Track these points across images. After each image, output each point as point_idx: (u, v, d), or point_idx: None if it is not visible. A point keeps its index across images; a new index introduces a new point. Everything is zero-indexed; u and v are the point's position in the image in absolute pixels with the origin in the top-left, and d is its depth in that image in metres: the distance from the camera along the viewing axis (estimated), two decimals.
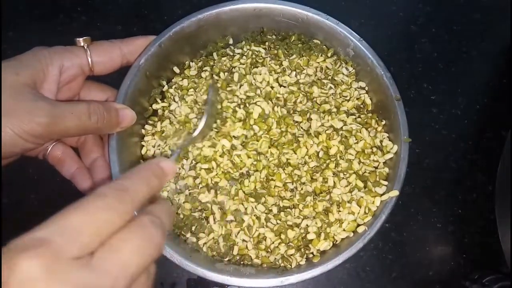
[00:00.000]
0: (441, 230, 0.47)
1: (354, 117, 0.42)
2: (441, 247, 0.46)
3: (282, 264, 0.37)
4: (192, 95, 0.42)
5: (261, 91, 0.42)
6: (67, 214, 0.20)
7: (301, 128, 0.41)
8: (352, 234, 0.38)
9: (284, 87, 0.43)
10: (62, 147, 0.38)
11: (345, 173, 0.39)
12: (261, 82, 0.43)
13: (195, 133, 0.38)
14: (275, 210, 0.39)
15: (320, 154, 0.40)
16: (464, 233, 0.46)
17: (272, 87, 0.43)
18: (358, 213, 0.38)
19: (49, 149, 0.37)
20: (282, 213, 0.38)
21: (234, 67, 0.43)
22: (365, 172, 0.40)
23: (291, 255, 0.37)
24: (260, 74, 0.43)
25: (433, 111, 0.51)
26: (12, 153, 0.31)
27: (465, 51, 0.53)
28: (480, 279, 0.43)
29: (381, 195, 0.38)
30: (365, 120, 0.42)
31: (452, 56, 0.53)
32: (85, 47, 0.36)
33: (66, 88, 0.36)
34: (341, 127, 0.41)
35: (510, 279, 0.41)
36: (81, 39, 0.35)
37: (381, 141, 0.40)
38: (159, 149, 0.41)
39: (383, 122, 0.41)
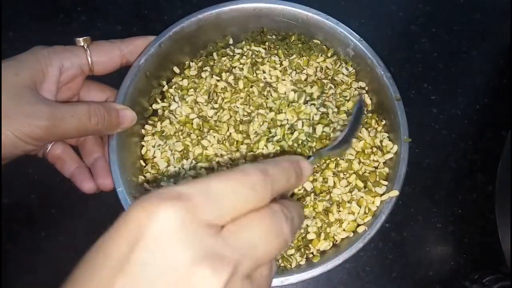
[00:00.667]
0: (441, 230, 0.47)
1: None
2: (441, 247, 0.46)
3: (282, 264, 0.37)
4: (192, 95, 0.42)
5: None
6: (211, 179, 0.19)
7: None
8: (352, 234, 0.38)
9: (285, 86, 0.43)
10: (62, 146, 0.38)
11: (345, 173, 0.39)
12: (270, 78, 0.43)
13: (336, 143, 0.36)
14: None
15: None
16: (464, 233, 0.46)
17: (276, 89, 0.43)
18: (358, 213, 0.38)
19: (49, 148, 0.37)
20: None
21: (234, 67, 0.43)
22: (365, 172, 0.40)
23: (291, 255, 0.37)
24: (264, 72, 0.43)
25: (433, 111, 0.51)
26: (13, 155, 0.31)
27: (465, 51, 0.53)
28: (480, 279, 0.43)
29: (381, 195, 0.38)
30: (365, 120, 0.42)
31: (452, 56, 0.53)
32: (85, 47, 0.36)
33: (66, 88, 0.36)
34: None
35: (510, 279, 0.41)
36: (81, 39, 0.35)
37: (381, 141, 0.40)
38: (159, 149, 0.41)
39: (383, 122, 0.41)
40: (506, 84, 0.52)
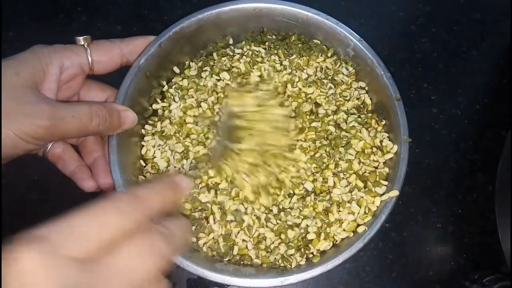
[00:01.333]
0: (441, 230, 0.47)
1: (354, 116, 0.42)
2: (441, 247, 0.46)
3: (282, 264, 0.37)
4: (192, 95, 0.42)
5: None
6: (73, 215, 0.20)
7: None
8: (352, 234, 0.37)
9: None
10: (62, 145, 0.38)
11: (345, 173, 0.39)
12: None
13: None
14: (275, 210, 0.39)
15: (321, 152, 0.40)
16: (464, 233, 0.46)
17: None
18: (358, 213, 0.38)
19: (49, 147, 0.37)
20: (282, 213, 0.38)
21: (234, 67, 0.43)
22: (365, 172, 0.40)
23: (291, 255, 0.37)
24: (266, 70, 0.43)
25: (433, 111, 0.51)
26: (14, 154, 0.31)
27: (465, 51, 0.53)
28: (480, 279, 0.43)
29: (381, 195, 0.38)
30: (365, 120, 0.42)
31: (452, 56, 0.53)
32: (85, 46, 0.35)
33: (66, 87, 0.36)
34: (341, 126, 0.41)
35: (510, 279, 0.41)
36: (81, 38, 0.35)
37: (381, 141, 0.40)
38: (159, 149, 0.41)
39: (383, 122, 0.41)
40: (506, 84, 0.52)
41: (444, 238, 0.46)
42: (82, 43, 0.35)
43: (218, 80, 0.43)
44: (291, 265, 0.37)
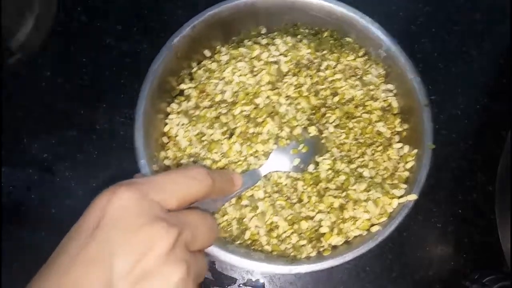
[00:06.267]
0: (441, 230, 0.47)
1: (378, 117, 0.42)
2: (441, 247, 0.46)
3: (293, 254, 0.37)
4: (218, 77, 0.42)
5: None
6: (157, 175, 0.26)
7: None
8: (365, 232, 0.38)
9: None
10: None
11: (366, 171, 0.40)
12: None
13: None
14: (294, 198, 0.39)
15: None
16: (464, 233, 0.46)
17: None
18: (374, 213, 0.38)
19: None
20: (297, 204, 0.38)
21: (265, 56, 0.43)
22: (384, 173, 0.40)
23: (302, 245, 0.37)
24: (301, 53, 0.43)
25: (433, 111, 0.51)
26: None
27: (465, 51, 0.53)
28: (480, 279, 0.43)
29: (399, 197, 0.38)
30: (389, 123, 0.42)
31: (452, 56, 0.53)
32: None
33: None
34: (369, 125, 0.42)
35: (510, 279, 0.41)
36: None
37: (404, 145, 0.41)
38: (183, 128, 0.41)
39: (406, 126, 0.41)
40: (506, 84, 0.52)
41: (444, 238, 0.46)
42: None
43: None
44: (301, 255, 0.37)
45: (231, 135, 0.40)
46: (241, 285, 0.44)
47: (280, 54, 0.43)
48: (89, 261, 0.21)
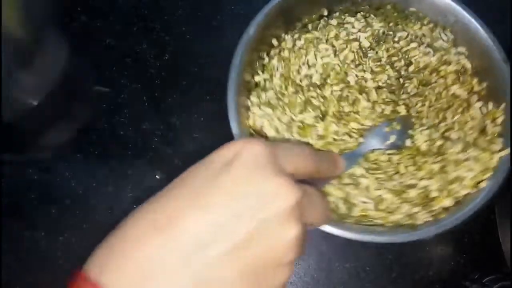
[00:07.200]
0: None
1: (452, 80, 0.42)
2: (441, 247, 0.46)
3: (408, 222, 0.37)
4: (298, 63, 0.42)
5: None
6: (281, 141, 0.28)
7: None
8: (474, 190, 0.37)
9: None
10: None
11: (457, 133, 0.40)
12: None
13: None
14: (390, 171, 0.39)
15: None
16: (464, 233, 0.46)
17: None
18: (477, 170, 0.38)
19: None
20: (395, 175, 0.39)
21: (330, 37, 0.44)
22: (472, 133, 0.40)
23: (416, 213, 0.37)
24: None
25: None
26: None
27: None
28: (480, 279, 0.43)
29: (498, 151, 0.38)
30: (466, 84, 0.42)
31: None
32: None
33: None
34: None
35: (510, 279, 0.41)
36: None
37: (485, 103, 0.41)
38: (267, 118, 0.41)
39: (485, 85, 0.42)
40: None
41: (444, 238, 0.46)
42: None
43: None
44: (418, 222, 0.37)
45: (323, 116, 0.40)
46: None
47: (358, 31, 0.43)
48: (219, 187, 0.22)
